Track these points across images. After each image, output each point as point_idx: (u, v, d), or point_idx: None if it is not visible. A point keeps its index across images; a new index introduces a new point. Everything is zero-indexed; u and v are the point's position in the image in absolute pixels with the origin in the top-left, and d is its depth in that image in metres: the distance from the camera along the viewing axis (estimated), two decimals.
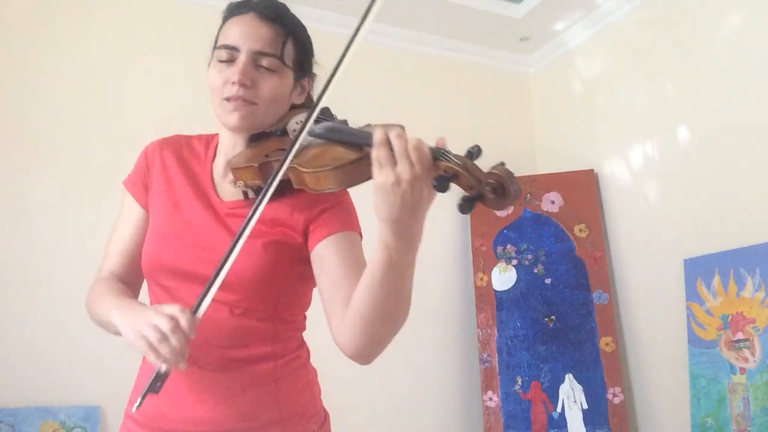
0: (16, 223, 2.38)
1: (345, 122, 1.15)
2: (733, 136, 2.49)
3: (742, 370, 2.31)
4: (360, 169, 0.93)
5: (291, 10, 1.20)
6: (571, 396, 2.81)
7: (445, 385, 3.00)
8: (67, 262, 2.35)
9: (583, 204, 3.05)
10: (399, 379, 2.88)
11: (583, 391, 2.81)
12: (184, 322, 0.93)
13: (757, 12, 2.46)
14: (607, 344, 2.85)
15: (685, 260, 2.59)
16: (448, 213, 3.17)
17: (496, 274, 3.04)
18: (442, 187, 0.84)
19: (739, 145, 2.47)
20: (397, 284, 0.93)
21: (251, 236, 1.04)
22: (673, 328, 2.62)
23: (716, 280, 2.45)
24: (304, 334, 1.23)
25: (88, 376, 2.32)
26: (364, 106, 2.90)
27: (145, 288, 1.21)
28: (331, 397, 1.28)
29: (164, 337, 0.91)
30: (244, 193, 1.14)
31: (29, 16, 2.58)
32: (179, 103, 2.55)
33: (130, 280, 1.20)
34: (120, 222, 1.23)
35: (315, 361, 1.24)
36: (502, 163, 0.84)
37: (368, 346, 1.01)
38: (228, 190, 1.17)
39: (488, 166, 0.86)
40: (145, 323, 0.93)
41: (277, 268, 1.10)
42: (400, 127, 0.95)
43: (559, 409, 2.81)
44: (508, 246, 3.06)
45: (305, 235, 1.12)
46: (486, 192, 0.82)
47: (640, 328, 2.84)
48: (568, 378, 2.84)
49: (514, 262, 3.04)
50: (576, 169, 3.13)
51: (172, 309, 0.94)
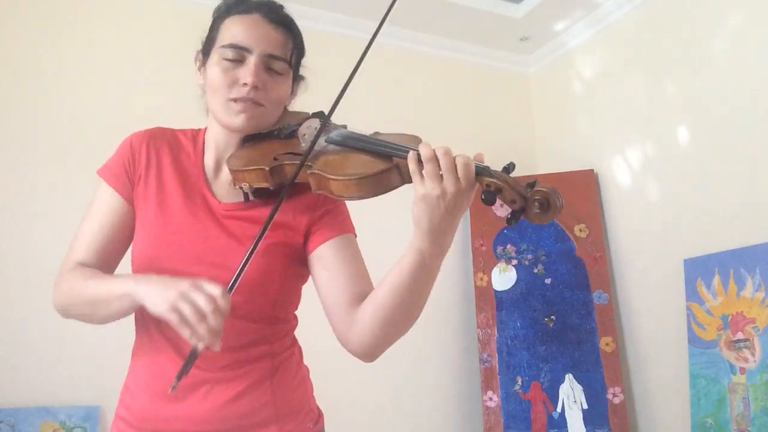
0: (17, 223, 2.38)
1: (345, 128, 1.15)
2: (733, 136, 2.49)
3: (742, 370, 2.31)
4: (388, 180, 0.97)
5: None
6: (571, 396, 2.81)
7: (445, 385, 3.00)
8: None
9: (583, 204, 3.05)
10: (399, 378, 2.88)
11: (583, 391, 2.81)
12: (224, 303, 0.91)
13: (757, 12, 2.46)
14: (607, 344, 2.85)
15: (685, 260, 2.59)
16: None
17: (496, 274, 3.04)
18: (490, 201, 0.91)
19: (739, 145, 2.47)
20: (423, 288, 0.99)
21: (251, 239, 1.04)
22: (673, 328, 2.62)
23: (716, 280, 2.45)
24: (303, 334, 1.23)
25: (88, 376, 2.32)
26: (364, 106, 2.90)
27: None
28: (331, 396, 1.29)
29: (203, 317, 0.89)
30: (245, 195, 1.13)
31: (29, 16, 2.58)
32: (180, 103, 2.55)
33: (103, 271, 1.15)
34: (93, 212, 1.16)
35: (315, 360, 1.25)
36: (536, 182, 0.92)
37: (379, 345, 1.04)
38: (224, 190, 1.16)
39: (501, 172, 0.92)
40: (182, 297, 0.91)
41: (277, 270, 1.11)
42: (418, 138, 1.02)
43: (559, 409, 2.81)
44: (508, 246, 3.06)
45: (306, 237, 1.13)
46: (533, 207, 0.90)
47: (640, 328, 2.84)
48: (568, 378, 2.84)
49: (514, 262, 3.04)
50: (576, 169, 3.13)
51: (211, 288, 0.92)
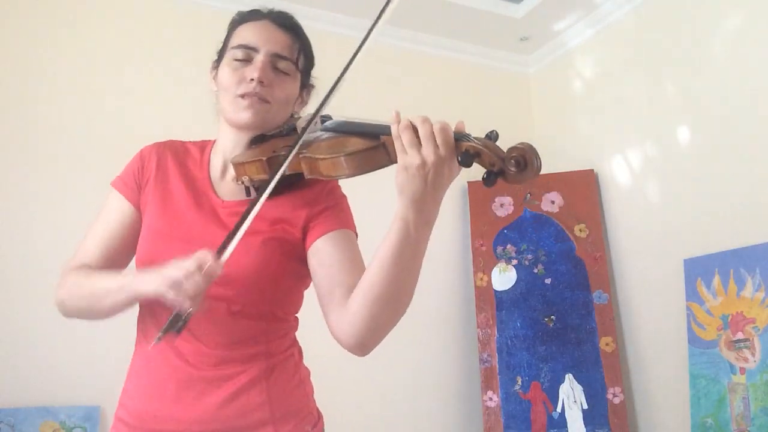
0: (17, 224, 2.38)
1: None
2: (733, 136, 2.49)
3: (742, 370, 2.31)
4: (376, 156, 0.97)
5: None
6: (571, 396, 2.81)
7: (445, 385, 3.00)
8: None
9: (583, 204, 3.05)
10: (399, 379, 2.88)
11: (583, 391, 2.81)
12: (210, 261, 0.93)
13: (756, 12, 2.46)
14: (607, 344, 2.85)
15: (685, 260, 2.59)
16: (448, 213, 3.17)
17: (496, 274, 3.04)
18: (467, 163, 0.89)
19: (739, 145, 2.47)
20: (410, 262, 0.97)
21: (252, 233, 1.05)
22: (673, 328, 2.62)
23: (716, 280, 2.45)
24: (304, 336, 1.23)
25: (88, 376, 2.32)
26: (364, 106, 2.90)
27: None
28: (330, 397, 1.28)
29: (190, 274, 0.91)
30: (247, 190, 1.15)
31: (29, 16, 2.58)
32: (179, 103, 2.55)
33: None
34: (102, 218, 1.21)
35: (315, 362, 1.24)
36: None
37: (370, 333, 1.02)
38: (228, 189, 1.19)
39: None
40: (172, 268, 0.94)
41: (275, 265, 1.12)
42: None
43: (559, 409, 2.81)
44: (508, 246, 3.06)
45: (304, 232, 1.14)
46: (509, 166, 0.87)
47: (640, 328, 2.84)
48: (568, 378, 2.84)
49: (514, 262, 3.04)
50: (576, 169, 3.13)
51: (201, 253, 0.94)
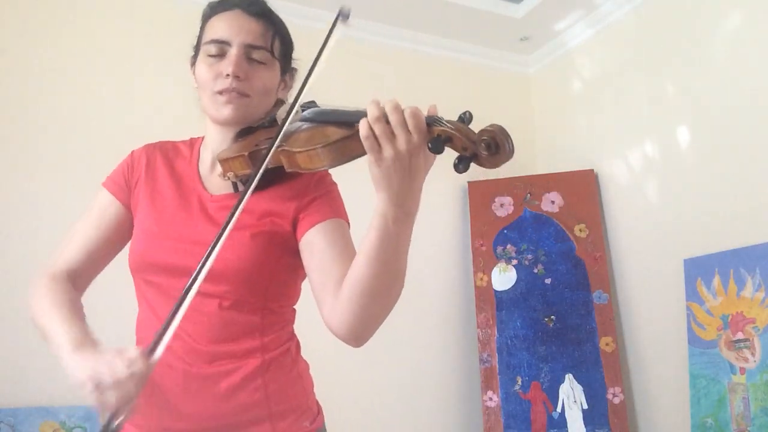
0: (17, 224, 2.38)
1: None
2: (733, 136, 2.49)
3: (742, 370, 2.31)
4: (352, 146, 0.93)
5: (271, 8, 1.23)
6: (571, 396, 2.81)
7: (445, 385, 3.00)
8: None
9: (583, 204, 3.05)
10: (399, 378, 2.88)
11: (583, 391, 2.81)
12: (141, 366, 0.88)
13: (756, 12, 2.46)
14: (607, 344, 2.85)
15: (685, 260, 2.59)
16: (448, 213, 3.18)
17: (496, 274, 3.04)
18: (437, 149, 0.84)
19: (739, 145, 2.47)
20: (393, 256, 0.93)
21: (239, 227, 1.05)
22: (673, 328, 2.62)
23: (716, 280, 2.45)
24: (303, 331, 1.22)
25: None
26: (363, 106, 2.90)
27: (127, 284, 1.20)
28: (330, 397, 1.28)
29: (119, 382, 0.86)
30: (234, 185, 1.15)
31: (30, 16, 2.58)
32: (180, 102, 2.55)
33: (83, 276, 1.19)
34: (90, 217, 1.21)
35: (314, 359, 1.24)
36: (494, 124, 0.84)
37: (361, 325, 1.00)
38: (216, 184, 1.18)
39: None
40: (102, 367, 0.89)
41: (266, 259, 1.10)
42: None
43: (559, 409, 2.81)
44: (508, 246, 3.06)
45: (294, 224, 1.13)
46: (480, 150, 0.82)
47: (640, 328, 2.84)
48: (568, 378, 2.84)
49: (514, 262, 3.04)
50: (576, 169, 3.13)
51: (131, 353, 0.89)
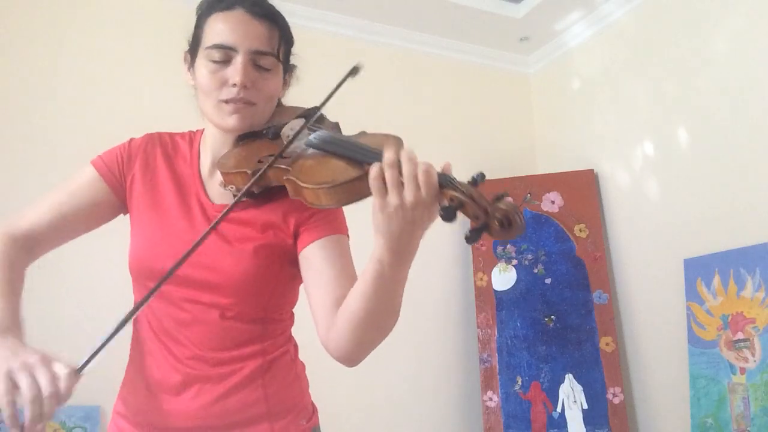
0: None
1: (337, 125, 1.14)
2: (733, 136, 2.49)
3: (742, 370, 2.31)
4: (361, 187, 0.91)
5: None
6: (571, 396, 2.81)
7: (445, 385, 3.00)
8: (68, 262, 2.35)
9: (583, 204, 3.05)
10: (399, 378, 2.88)
11: (583, 391, 2.81)
12: (64, 387, 0.83)
13: (757, 12, 2.46)
14: (607, 344, 2.85)
15: (685, 260, 2.59)
16: None
17: (496, 274, 3.04)
18: (449, 217, 0.83)
19: (739, 145, 2.47)
20: (388, 297, 0.94)
21: (242, 240, 1.05)
22: (673, 328, 2.62)
23: (716, 280, 2.45)
24: (300, 331, 1.23)
25: (88, 376, 2.31)
26: (364, 106, 2.90)
27: (125, 287, 1.19)
28: (330, 397, 1.28)
29: (37, 397, 0.81)
30: (234, 197, 1.12)
31: (30, 16, 2.58)
32: (180, 103, 2.55)
33: (41, 244, 1.14)
34: (67, 188, 1.16)
35: (314, 361, 1.24)
36: (504, 195, 0.84)
37: (356, 351, 1.01)
38: (217, 191, 1.16)
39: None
40: (24, 368, 0.83)
41: (268, 272, 1.10)
42: (398, 139, 0.95)
43: (559, 409, 2.81)
44: (508, 246, 3.06)
45: (295, 237, 1.11)
46: (493, 224, 0.82)
47: (640, 328, 2.84)
48: (568, 378, 2.84)
49: (514, 262, 3.04)
50: (576, 169, 3.13)
51: (58, 368, 0.84)
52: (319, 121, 1.12)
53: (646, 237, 2.83)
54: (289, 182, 1.00)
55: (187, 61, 1.17)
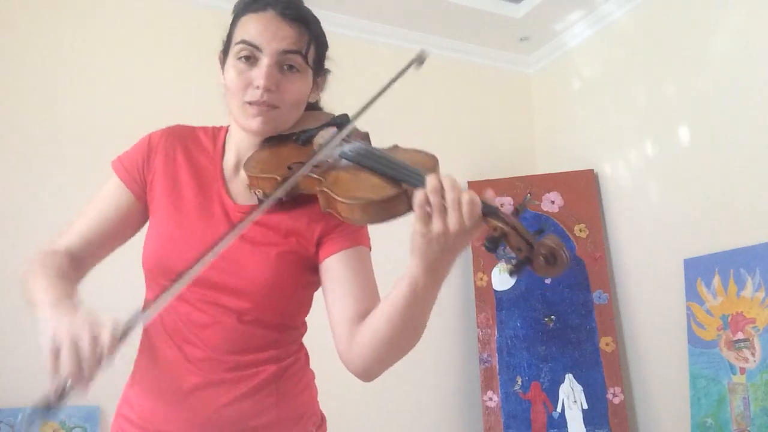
0: (16, 222, 2.38)
1: (367, 136, 1.12)
2: (733, 136, 2.49)
3: (742, 370, 2.31)
4: (397, 206, 0.91)
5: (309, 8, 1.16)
6: (571, 396, 2.81)
7: (445, 385, 3.00)
8: None
9: (583, 204, 3.05)
10: (399, 378, 2.88)
11: (583, 391, 2.81)
12: (105, 344, 0.83)
13: (757, 12, 2.46)
14: (607, 344, 2.85)
15: (685, 260, 2.59)
16: None
17: (496, 274, 3.04)
18: (493, 248, 0.85)
19: (739, 145, 2.47)
20: (417, 318, 0.96)
21: (265, 243, 1.05)
22: (673, 328, 2.62)
23: (716, 280, 2.45)
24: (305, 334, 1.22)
25: None
26: (367, 108, 2.90)
27: (135, 285, 1.18)
28: (329, 397, 1.28)
29: (79, 362, 0.82)
30: (260, 201, 1.10)
31: (30, 16, 2.58)
32: (182, 103, 2.55)
33: (82, 262, 1.13)
34: (96, 200, 1.17)
35: (312, 360, 1.24)
36: (544, 230, 0.86)
37: (375, 368, 1.03)
38: (240, 191, 1.14)
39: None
40: (65, 326, 0.84)
41: (289, 278, 1.09)
42: (434, 158, 0.96)
43: (559, 409, 2.81)
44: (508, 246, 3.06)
45: (318, 245, 1.10)
46: (537, 260, 0.83)
47: (640, 328, 2.84)
48: (568, 378, 2.84)
49: (514, 262, 3.03)
50: (576, 169, 3.13)
51: (102, 325, 0.84)
52: (351, 130, 1.09)
53: (646, 237, 2.83)
54: (323, 194, 0.99)
55: (221, 61, 1.17)
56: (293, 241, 1.09)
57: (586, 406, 2.79)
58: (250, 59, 1.08)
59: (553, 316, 2.93)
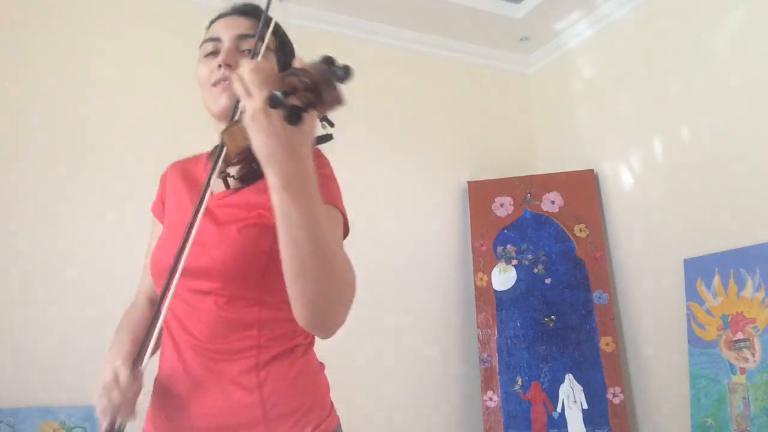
0: (16, 224, 2.38)
1: None
2: (733, 136, 2.49)
3: (742, 370, 2.31)
4: (235, 113, 0.96)
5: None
6: (571, 396, 2.81)
7: (445, 385, 3.00)
8: (68, 263, 2.36)
9: (583, 204, 3.05)
10: (398, 378, 2.88)
11: (583, 391, 2.81)
12: (123, 379, 1.01)
13: (757, 11, 2.46)
14: (607, 344, 2.85)
15: (685, 260, 2.59)
16: (448, 213, 3.17)
17: (496, 274, 3.04)
18: (274, 103, 0.74)
19: (739, 145, 2.47)
20: (301, 233, 0.85)
21: (227, 222, 1.07)
22: (673, 328, 2.62)
23: (716, 280, 2.45)
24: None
25: (88, 376, 2.31)
26: (364, 106, 2.91)
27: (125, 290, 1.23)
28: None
29: (106, 392, 1.01)
30: (225, 182, 1.14)
31: (30, 17, 2.58)
32: (180, 103, 2.55)
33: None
34: (150, 244, 1.28)
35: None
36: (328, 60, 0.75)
37: (308, 313, 0.92)
38: (218, 183, 1.15)
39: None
40: (103, 394, 1.02)
41: (256, 251, 1.06)
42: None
43: (559, 409, 2.81)
44: (508, 246, 3.06)
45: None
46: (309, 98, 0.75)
47: (640, 328, 2.84)
48: (568, 378, 2.84)
49: (514, 262, 3.04)
50: (576, 169, 3.13)
51: (116, 366, 1.03)
52: None
53: (646, 237, 2.83)
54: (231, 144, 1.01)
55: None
56: (255, 214, 1.08)
57: (586, 406, 2.79)
58: (215, 54, 1.16)
59: (553, 316, 2.93)
